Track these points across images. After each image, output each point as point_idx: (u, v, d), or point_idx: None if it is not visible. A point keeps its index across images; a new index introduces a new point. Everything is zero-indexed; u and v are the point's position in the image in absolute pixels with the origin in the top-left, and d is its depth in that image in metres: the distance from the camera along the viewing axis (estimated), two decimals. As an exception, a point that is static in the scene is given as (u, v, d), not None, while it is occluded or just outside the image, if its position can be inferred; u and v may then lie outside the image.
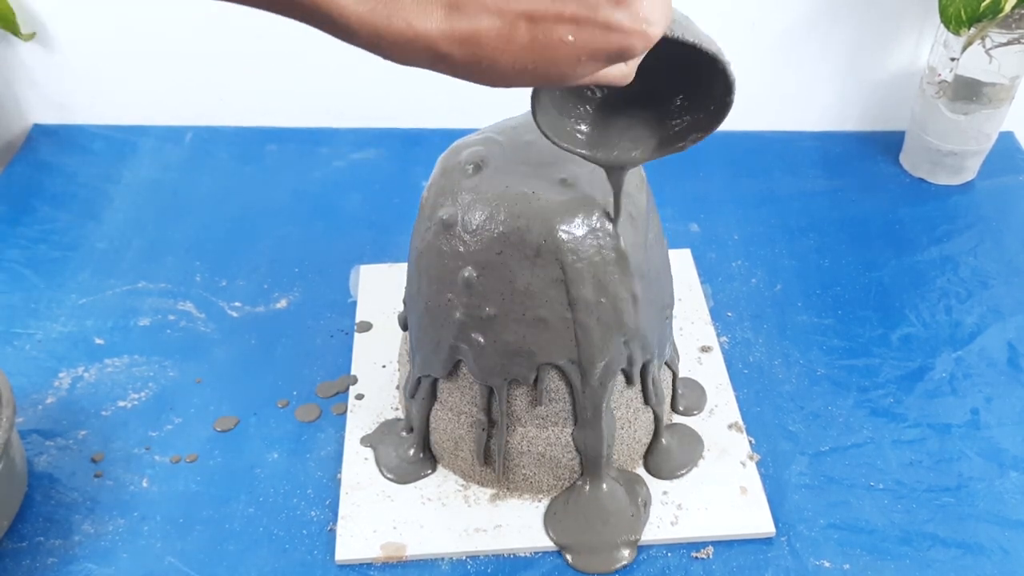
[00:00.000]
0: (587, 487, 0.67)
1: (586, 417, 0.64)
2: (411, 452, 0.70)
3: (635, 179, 0.61)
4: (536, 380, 0.62)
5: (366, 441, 0.72)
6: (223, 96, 1.04)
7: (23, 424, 0.73)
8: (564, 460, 0.66)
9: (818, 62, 1.02)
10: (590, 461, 0.66)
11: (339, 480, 0.69)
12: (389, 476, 0.69)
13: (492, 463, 0.67)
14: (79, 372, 0.77)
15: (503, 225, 0.57)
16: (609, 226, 0.58)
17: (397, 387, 0.75)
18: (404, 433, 0.71)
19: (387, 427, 0.72)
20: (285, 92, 1.04)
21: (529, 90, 0.47)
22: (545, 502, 0.68)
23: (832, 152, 1.05)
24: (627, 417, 0.67)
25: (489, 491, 0.69)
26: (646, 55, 0.43)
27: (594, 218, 0.57)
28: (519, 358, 0.61)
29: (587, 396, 0.63)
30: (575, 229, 0.57)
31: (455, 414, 0.66)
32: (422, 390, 0.67)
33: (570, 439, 0.65)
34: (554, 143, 0.53)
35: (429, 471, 0.70)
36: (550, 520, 0.67)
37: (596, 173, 0.60)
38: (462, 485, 0.69)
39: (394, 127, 1.06)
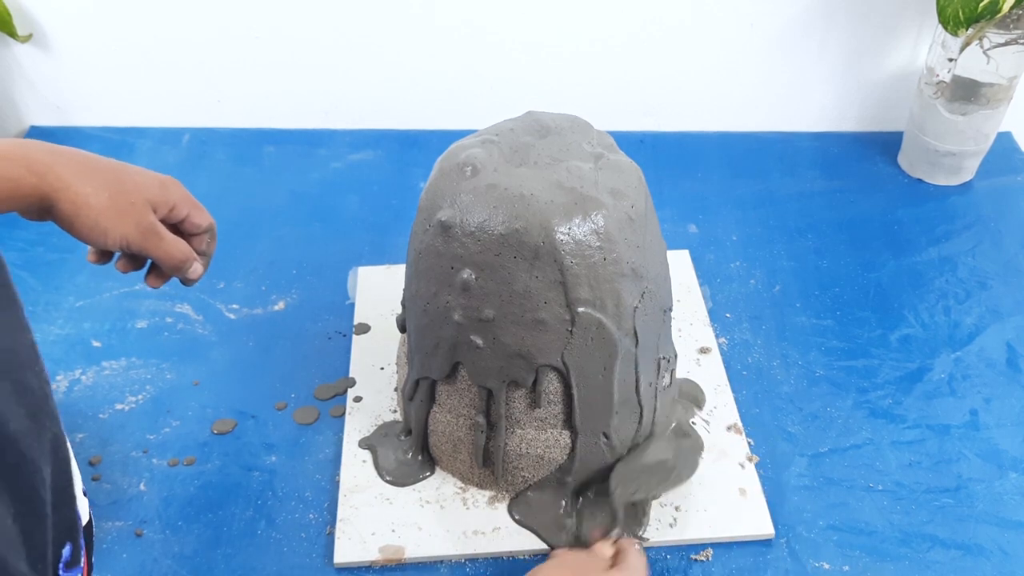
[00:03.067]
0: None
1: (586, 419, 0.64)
2: (409, 455, 0.70)
3: (633, 180, 0.61)
4: (535, 382, 0.62)
5: (364, 443, 0.71)
6: (221, 97, 1.04)
7: (20, 427, 0.73)
8: (563, 463, 0.66)
9: (816, 63, 1.02)
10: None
11: (337, 483, 0.69)
12: (387, 479, 0.69)
13: (491, 465, 0.67)
14: (76, 375, 0.77)
15: (501, 227, 0.57)
16: (607, 228, 0.57)
17: (395, 389, 0.75)
18: (402, 435, 0.71)
19: (385, 429, 0.72)
20: (283, 93, 1.04)
21: (527, 93, 0.47)
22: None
23: (830, 153, 1.04)
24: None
25: (488, 493, 0.68)
26: None
27: (592, 220, 0.57)
28: (518, 360, 0.61)
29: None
30: (574, 231, 0.57)
31: (454, 416, 0.66)
32: (421, 392, 0.67)
33: (569, 441, 0.65)
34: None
35: (428, 473, 0.70)
36: (515, 505, 0.67)
37: (595, 175, 0.60)
38: (460, 488, 0.69)
39: (392, 128, 1.06)
